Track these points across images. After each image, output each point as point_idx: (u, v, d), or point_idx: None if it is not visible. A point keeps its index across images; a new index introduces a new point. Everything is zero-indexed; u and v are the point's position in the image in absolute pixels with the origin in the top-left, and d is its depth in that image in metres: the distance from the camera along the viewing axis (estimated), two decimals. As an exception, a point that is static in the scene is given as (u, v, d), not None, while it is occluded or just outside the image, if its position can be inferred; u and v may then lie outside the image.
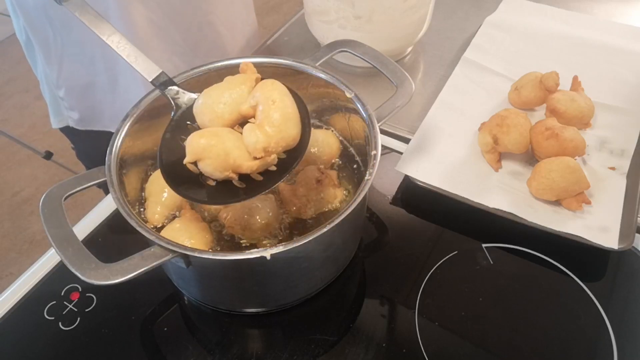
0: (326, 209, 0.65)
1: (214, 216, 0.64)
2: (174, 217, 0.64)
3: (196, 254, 0.49)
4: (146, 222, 0.63)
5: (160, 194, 0.64)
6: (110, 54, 0.87)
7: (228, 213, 0.62)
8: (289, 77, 0.70)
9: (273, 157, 0.52)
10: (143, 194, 0.66)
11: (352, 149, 0.72)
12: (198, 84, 0.68)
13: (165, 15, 0.86)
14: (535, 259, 0.67)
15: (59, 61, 0.88)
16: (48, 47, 0.87)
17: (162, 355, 0.60)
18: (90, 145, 1.05)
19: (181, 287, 0.64)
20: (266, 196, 0.63)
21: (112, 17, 0.80)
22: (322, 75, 0.67)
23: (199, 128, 0.56)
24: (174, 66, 0.91)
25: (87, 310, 0.63)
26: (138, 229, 0.51)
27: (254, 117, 0.54)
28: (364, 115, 0.62)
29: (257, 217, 0.61)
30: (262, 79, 0.70)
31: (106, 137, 0.60)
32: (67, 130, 1.03)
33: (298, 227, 0.64)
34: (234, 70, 0.68)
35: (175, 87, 0.60)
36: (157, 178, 0.65)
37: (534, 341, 0.59)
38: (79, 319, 0.62)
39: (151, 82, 0.60)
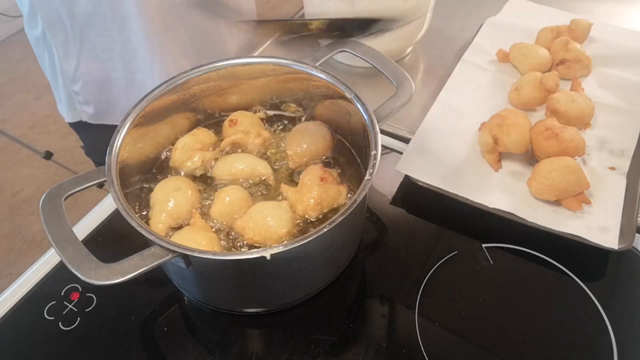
0: (334, 206, 0.64)
1: (227, 227, 0.62)
2: (178, 228, 0.62)
3: (196, 254, 0.49)
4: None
5: (166, 203, 0.62)
6: (129, 51, 0.88)
7: (244, 224, 0.60)
8: (289, 77, 0.70)
9: None
10: (143, 194, 0.66)
11: (352, 149, 0.72)
12: (198, 83, 0.68)
13: (177, 18, 0.88)
14: (535, 259, 0.67)
15: (77, 55, 0.89)
16: (67, 41, 0.87)
17: (162, 355, 0.60)
18: (101, 141, 1.06)
19: (181, 287, 0.64)
20: (280, 202, 0.62)
21: (132, 16, 0.81)
22: (322, 75, 0.67)
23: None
24: (181, 68, 0.92)
25: (87, 310, 0.63)
26: (138, 229, 0.51)
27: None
28: (364, 115, 0.62)
29: (276, 225, 0.59)
30: (261, 78, 0.71)
31: None
32: (79, 125, 1.04)
33: (305, 228, 0.63)
34: (233, 70, 0.69)
35: None
36: (163, 187, 0.64)
37: (534, 341, 0.59)
38: (79, 319, 0.62)
39: None
